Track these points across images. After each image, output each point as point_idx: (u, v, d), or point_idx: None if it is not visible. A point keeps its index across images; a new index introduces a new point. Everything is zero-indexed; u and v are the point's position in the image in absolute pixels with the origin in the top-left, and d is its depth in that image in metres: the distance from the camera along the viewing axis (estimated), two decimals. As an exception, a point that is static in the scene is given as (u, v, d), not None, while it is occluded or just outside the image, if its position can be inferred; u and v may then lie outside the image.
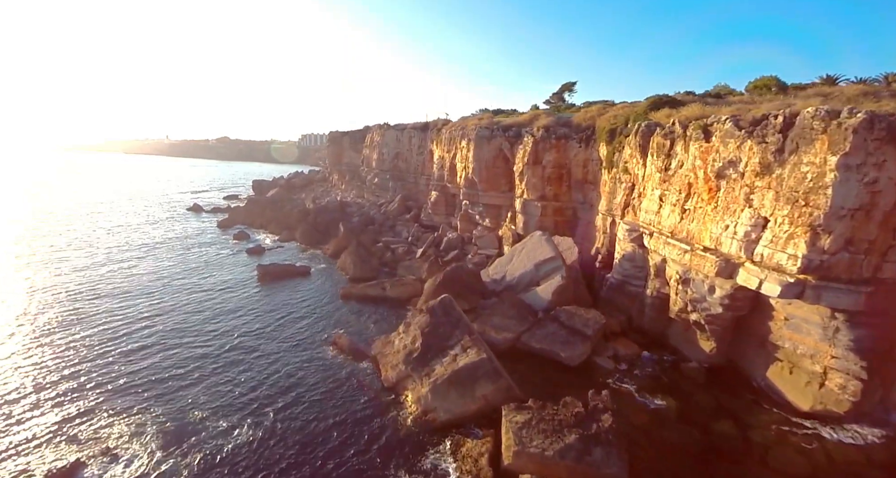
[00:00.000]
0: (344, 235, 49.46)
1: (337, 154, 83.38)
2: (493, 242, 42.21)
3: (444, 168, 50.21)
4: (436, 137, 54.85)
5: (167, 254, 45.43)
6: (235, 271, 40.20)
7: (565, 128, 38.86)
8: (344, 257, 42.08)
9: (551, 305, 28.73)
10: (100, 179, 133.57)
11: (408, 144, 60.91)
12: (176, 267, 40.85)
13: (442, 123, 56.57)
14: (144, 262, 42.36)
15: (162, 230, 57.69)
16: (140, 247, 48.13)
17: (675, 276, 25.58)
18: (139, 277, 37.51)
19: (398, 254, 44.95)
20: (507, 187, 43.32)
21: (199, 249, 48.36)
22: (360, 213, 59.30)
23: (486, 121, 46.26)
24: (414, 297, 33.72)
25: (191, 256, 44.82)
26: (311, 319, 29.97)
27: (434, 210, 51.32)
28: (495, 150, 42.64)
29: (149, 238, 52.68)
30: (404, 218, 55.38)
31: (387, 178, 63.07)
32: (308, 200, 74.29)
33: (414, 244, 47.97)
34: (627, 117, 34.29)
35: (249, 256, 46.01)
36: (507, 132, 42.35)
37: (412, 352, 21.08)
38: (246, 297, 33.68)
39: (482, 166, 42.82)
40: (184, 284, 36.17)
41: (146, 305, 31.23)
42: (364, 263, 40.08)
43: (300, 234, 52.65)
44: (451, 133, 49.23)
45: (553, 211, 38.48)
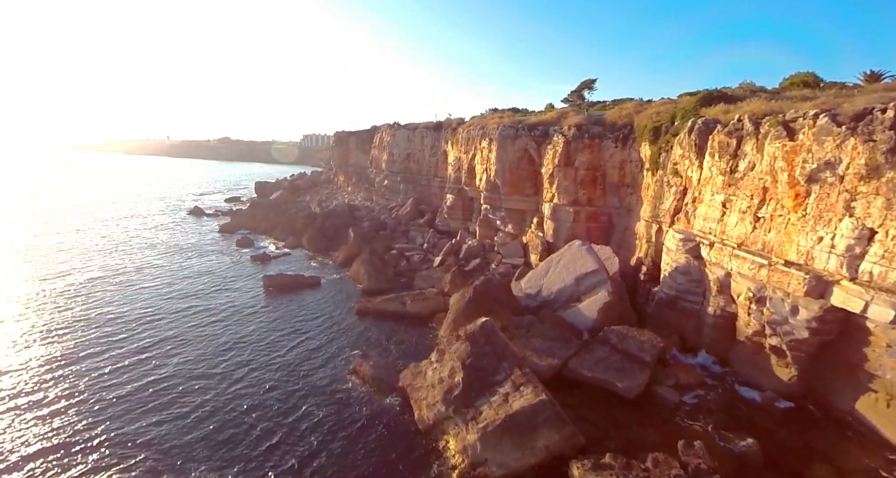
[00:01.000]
0: (354, 241, 46.25)
1: (343, 155, 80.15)
2: (518, 250, 38.98)
3: (462, 170, 46.99)
4: (451, 136, 51.65)
5: (166, 263, 42.21)
6: (240, 283, 36.95)
7: (598, 126, 35.65)
8: (356, 266, 38.84)
9: (597, 325, 25.51)
10: (99, 179, 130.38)
11: (420, 144, 57.70)
12: (176, 278, 37.61)
13: (457, 123, 53.37)
14: (142, 273, 39.12)
15: (161, 235, 54.48)
16: (137, 255, 44.89)
17: (746, 293, 22.42)
18: (136, 292, 34.28)
19: (414, 262, 41.72)
20: (533, 191, 40.11)
21: (201, 256, 45.14)
22: (370, 217, 56.05)
23: (507, 119, 43.05)
24: (437, 312, 30.54)
25: (191, 265, 41.59)
26: (325, 340, 26.74)
27: (450, 215, 48.08)
28: (520, 150, 39.43)
29: (147, 245, 49.46)
30: (418, 223, 52.14)
31: (397, 180, 59.85)
32: (314, 203, 71.06)
33: (430, 251, 44.74)
34: (673, 114, 31.12)
35: (254, 265, 42.79)
36: (532, 132, 39.15)
37: (452, 388, 17.83)
38: (252, 313, 30.43)
39: (505, 168, 39.61)
40: (184, 298, 32.92)
41: (143, 324, 28.03)
42: (378, 273, 36.84)
43: (307, 240, 49.42)
44: (470, 133, 46.03)
45: (586, 217, 35.26)
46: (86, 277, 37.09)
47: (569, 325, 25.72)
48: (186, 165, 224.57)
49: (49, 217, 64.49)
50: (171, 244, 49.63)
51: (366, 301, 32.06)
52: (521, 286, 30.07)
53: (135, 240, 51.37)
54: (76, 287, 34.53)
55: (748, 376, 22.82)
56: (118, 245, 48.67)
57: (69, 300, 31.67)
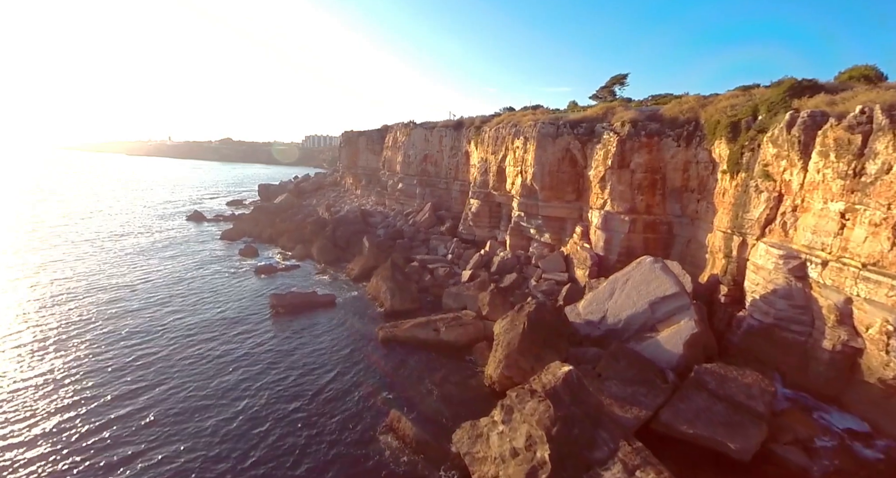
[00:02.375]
0: (370, 251, 41.66)
1: (352, 156, 75.58)
2: (560, 264, 34.33)
3: (489, 173, 42.42)
4: (474, 136, 47.07)
5: (161, 278, 37.60)
6: (243, 302, 32.34)
7: (655, 123, 31.06)
8: (376, 282, 34.22)
9: (683, 362, 20.92)
10: (96, 182, 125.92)
11: (438, 144, 53.12)
12: (171, 297, 33.01)
13: (480, 121, 48.79)
14: (133, 291, 34.55)
15: (157, 245, 49.89)
16: (129, 270, 40.32)
17: (882, 326, 17.79)
18: (127, 311, 29.78)
19: (439, 276, 37.09)
20: (574, 196, 35.51)
21: (200, 269, 40.55)
22: (384, 224, 51.44)
23: (544, 115, 38.49)
24: (477, 341, 26.01)
25: (189, 281, 36.98)
26: (348, 379, 22.12)
27: (475, 222, 43.49)
28: (561, 151, 34.84)
29: (141, 256, 44.90)
30: (438, 230, 47.53)
31: (413, 183, 55.24)
32: (321, 208, 66.50)
33: (456, 263, 40.11)
34: (754, 107, 26.54)
35: (259, 279, 38.19)
36: (575, 129, 34.55)
37: (536, 470, 13.16)
38: (258, 344, 25.77)
39: (544, 171, 35.00)
40: (179, 324, 28.32)
41: (128, 359, 23.42)
42: (402, 290, 32.21)
43: (317, 249, 44.82)
44: (499, 131, 41.46)
45: (643, 226, 30.64)
46: (70, 293, 32.56)
47: (647, 362, 21.08)
48: (187, 166, 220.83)
49: (39, 225, 60.04)
50: (166, 255, 45.02)
51: (391, 327, 27.44)
52: (578, 311, 25.41)
53: (128, 252, 46.77)
54: (59, 309, 29.97)
55: (879, 424, 18.29)
56: (109, 259, 44.09)
57: (45, 327, 27.12)
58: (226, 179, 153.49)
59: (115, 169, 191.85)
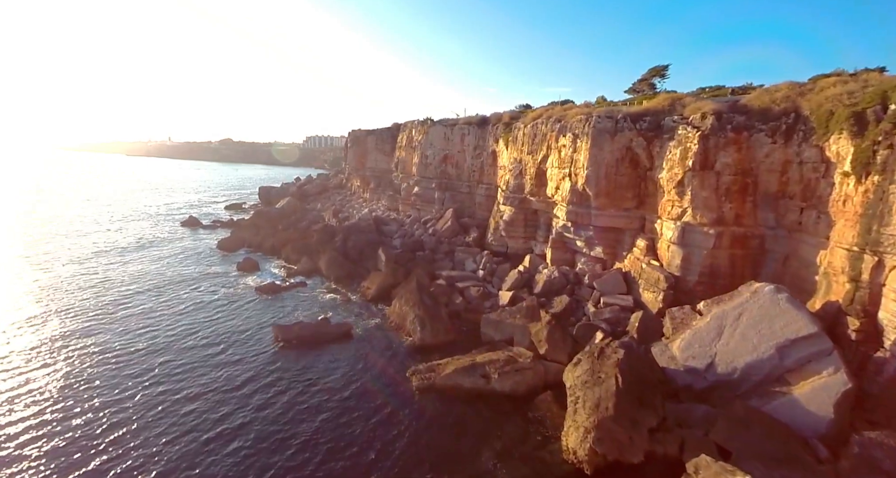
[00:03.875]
0: (387, 266, 36.16)
1: (359, 157, 70.02)
2: (619, 284, 28.80)
3: (525, 175, 36.87)
4: (504, 133, 41.52)
5: (143, 301, 32.03)
6: (241, 333, 26.80)
7: (741, 115, 25.57)
8: (399, 307, 28.71)
9: (833, 428, 15.41)
10: (92, 182, 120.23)
11: (460, 143, 47.58)
12: (155, 327, 27.48)
13: (510, 117, 43.25)
14: (113, 313, 29.10)
15: (146, 258, 44.33)
16: (113, 285, 34.82)
17: None
18: (102, 344, 24.27)
19: (472, 298, 31.53)
20: (634, 203, 29.98)
21: (190, 288, 34.98)
22: (401, 233, 45.84)
23: (596, 109, 33.02)
24: (538, 391, 20.55)
25: (176, 304, 31.40)
26: (379, 451, 16.54)
27: (508, 232, 37.94)
28: (621, 149, 29.32)
29: (125, 274, 39.36)
30: (462, 240, 41.96)
31: (431, 186, 49.68)
32: (327, 213, 60.96)
33: (488, 281, 34.54)
34: (883, 94, 21.03)
35: (260, 301, 32.61)
36: (637, 124, 29.04)
37: None
38: (262, 403, 20.12)
39: (600, 173, 29.46)
40: (163, 367, 22.79)
41: (86, 438, 17.89)
42: (433, 319, 26.68)
43: (326, 263, 39.28)
44: (537, 128, 35.90)
45: (731, 241, 25.10)
46: (31, 323, 27.06)
47: (787, 430, 15.56)
48: (187, 167, 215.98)
49: (24, 231, 54.54)
50: (153, 273, 39.36)
51: (426, 370, 21.86)
52: (671, 354, 19.84)
53: (111, 271, 41.20)
54: (19, 344, 24.48)
55: None
56: (88, 275, 38.58)
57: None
58: (225, 180, 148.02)
59: (113, 170, 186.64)
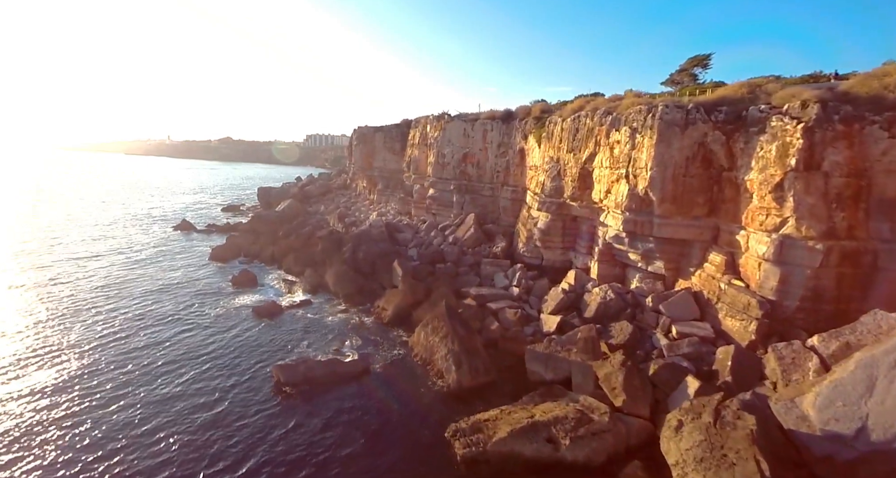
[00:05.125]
0: (406, 283, 31.21)
1: (366, 156, 64.94)
2: (691, 308, 23.81)
3: (564, 177, 31.82)
4: (535, 129, 36.44)
5: (119, 328, 27.03)
6: (237, 374, 21.82)
7: (848, 105, 20.54)
8: (424, 337, 23.76)
9: None
10: (88, 183, 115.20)
11: (481, 141, 42.53)
12: (126, 361, 22.54)
13: (541, 110, 38.14)
14: (75, 348, 24.15)
15: (131, 270, 39.35)
16: (80, 307, 29.89)
17: None
18: (50, 407, 19.30)
19: (508, 322, 26.55)
20: (706, 210, 24.96)
21: (179, 310, 30.02)
22: (417, 241, 40.75)
23: (655, 100, 28.00)
24: (618, 460, 15.57)
25: (159, 331, 26.42)
26: None
27: (544, 241, 32.92)
28: (692, 146, 24.29)
29: (104, 288, 34.43)
30: (487, 250, 36.90)
31: (449, 189, 44.58)
32: (332, 217, 55.92)
33: (525, 300, 29.55)
34: None
35: (258, 327, 27.62)
36: (713, 115, 23.99)
37: None
38: (258, 470, 15.22)
39: (666, 174, 24.42)
40: (134, 416, 17.84)
41: None
42: (470, 354, 21.70)
43: (333, 277, 34.29)
44: (579, 122, 30.80)
45: (840, 257, 20.07)
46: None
47: None
48: (186, 166, 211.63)
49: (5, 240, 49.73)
50: (135, 287, 34.33)
51: (470, 429, 16.86)
52: (801, 412, 14.81)
53: (84, 279, 36.33)
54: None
55: None
56: (59, 306, 33.65)
57: None
58: (224, 179, 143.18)
59: (111, 170, 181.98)
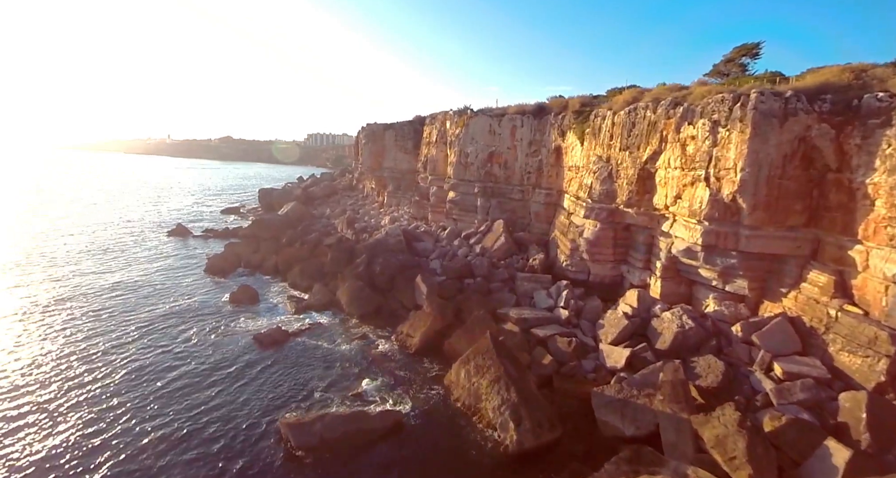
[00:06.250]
0: (432, 303, 26.80)
1: (375, 155, 60.50)
2: (792, 340, 19.40)
3: (617, 179, 27.39)
4: (576, 124, 31.97)
5: (94, 363, 22.61)
6: (233, 429, 17.41)
7: None
8: (467, 379, 19.38)
9: None
10: (82, 183, 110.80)
11: (509, 138, 38.06)
12: (98, 418, 18.16)
13: (581, 103, 33.59)
14: (43, 390, 19.79)
15: (117, 286, 34.99)
16: (48, 334, 25.50)
17: None
18: (24, 456, 14.96)
19: (562, 355, 22.11)
20: (804, 219, 20.56)
21: (167, 335, 25.63)
22: (438, 251, 36.21)
23: (743, 85, 23.57)
24: None
25: (139, 367, 22.00)
26: None
27: (592, 253, 28.49)
28: (791, 141, 19.87)
29: (85, 310, 30.08)
30: (520, 262, 32.42)
31: (472, 192, 40.08)
32: (340, 222, 51.45)
33: (575, 324, 25.11)
34: None
35: (262, 360, 23.18)
36: (816, 105, 19.54)
37: None
38: None
39: (761, 177, 20.00)
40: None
41: None
42: (530, 404, 17.30)
43: (347, 295, 29.89)
44: (638, 115, 26.30)
45: None
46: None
47: None
48: (186, 166, 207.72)
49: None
50: (122, 310, 29.83)
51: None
52: None
53: (67, 303, 31.99)
54: None
55: None
56: (29, 339, 29.32)
57: None
58: (223, 179, 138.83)
59: (109, 169, 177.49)
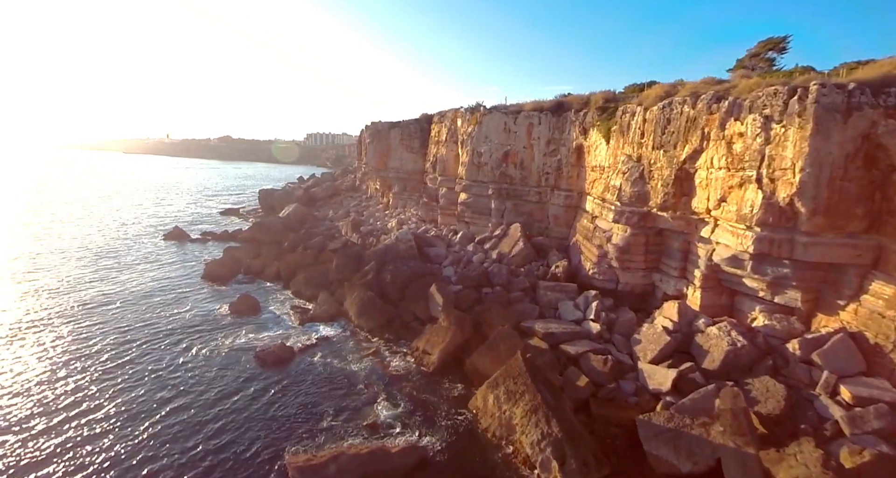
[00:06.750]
0: (449, 316, 24.79)
1: (381, 154, 58.46)
2: (856, 358, 17.49)
3: (650, 180, 25.40)
4: (601, 121, 29.96)
5: (87, 384, 20.65)
6: (241, 467, 15.44)
7: None
8: (497, 406, 17.41)
9: None
10: (78, 184, 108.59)
11: (526, 137, 36.01)
12: (91, 450, 16.17)
13: (604, 98, 31.59)
14: (23, 421, 17.80)
15: (102, 296, 32.94)
16: (39, 355, 23.50)
17: None
18: None
19: (598, 374, 20.13)
20: (865, 224, 18.61)
21: (160, 354, 23.64)
22: (452, 257, 34.13)
23: (804, 77, 21.60)
24: None
25: (138, 394, 20.02)
26: None
27: (622, 261, 26.44)
28: (855, 139, 17.92)
29: (66, 320, 28.08)
30: (540, 269, 30.43)
31: (486, 193, 38.05)
32: (345, 225, 49.44)
33: (607, 339, 23.12)
34: None
35: (266, 384, 21.17)
36: (881, 98, 17.57)
37: None
38: None
39: (822, 178, 18.04)
40: None
41: None
42: (575, 442, 15.33)
43: (356, 306, 27.91)
44: (674, 110, 24.28)
45: None
46: None
47: None
48: (185, 166, 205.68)
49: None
50: (112, 322, 27.83)
51: None
52: None
53: (52, 319, 30.00)
54: None
55: None
56: (9, 335, 27.31)
57: None
58: (223, 179, 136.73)
59: (107, 169, 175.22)
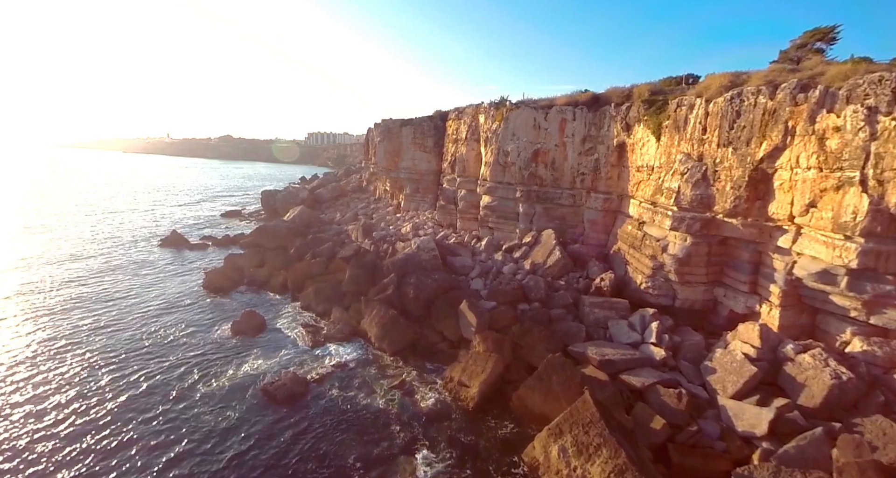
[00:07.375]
0: (486, 341, 21.47)
1: (391, 154, 55.12)
2: None
3: (716, 182, 22.10)
4: (649, 115, 26.66)
5: (60, 431, 17.39)
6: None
7: None
8: (560, 457, 14.13)
9: None
10: (75, 184, 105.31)
11: (558, 134, 32.73)
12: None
13: (650, 91, 28.24)
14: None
15: (88, 314, 29.69)
16: (15, 392, 20.21)
17: None
18: None
19: (672, 413, 16.78)
20: None
21: (152, 388, 20.33)
22: (480, 268, 30.74)
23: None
24: None
25: (127, 438, 16.74)
26: None
27: (681, 274, 23.06)
28: None
29: (50, 343, 24.79)
30: (580, 282, 27.15)
31: (513, 196, 34.68)
32: (354, 229, 46.10)
33: (672, 367, 19.78)
34: None
35: (277, 427, 17.86)
36: None
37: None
38: None
39: (959, 184, 14.79)
40: None
41: None
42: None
43: (376, 325, 24.59)
44: (745, 101, 20.98)
45: None
46: None
47: None
48: (185, 165, 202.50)
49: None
50: (99, 349, 24.51)
51: None
52: None
53: (37, 339, 26.71)
54: None
55: None
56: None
57: None
58: (223, 179, 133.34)
59: (106, 169, 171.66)
